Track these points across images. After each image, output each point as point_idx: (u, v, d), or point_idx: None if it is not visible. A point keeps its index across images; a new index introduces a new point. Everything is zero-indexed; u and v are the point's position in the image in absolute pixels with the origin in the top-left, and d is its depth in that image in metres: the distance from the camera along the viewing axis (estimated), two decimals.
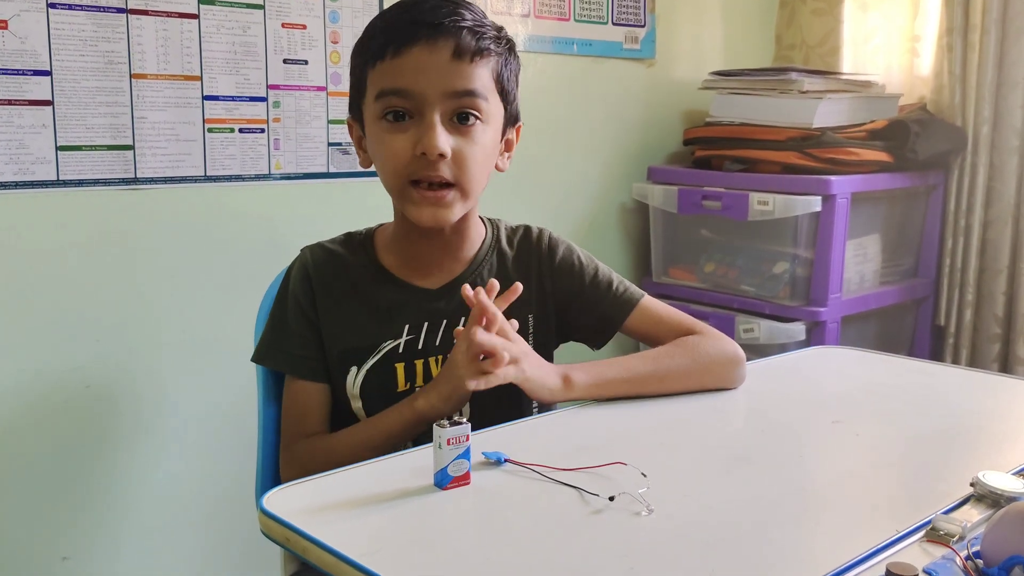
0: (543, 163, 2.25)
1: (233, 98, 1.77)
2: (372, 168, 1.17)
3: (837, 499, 0.91)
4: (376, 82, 1.10)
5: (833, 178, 2.10)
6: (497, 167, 1.17)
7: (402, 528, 0.82)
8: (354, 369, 1.16)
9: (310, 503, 0.87)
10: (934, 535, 0.80)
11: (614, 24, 2.37)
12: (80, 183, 1.61)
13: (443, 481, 0.88)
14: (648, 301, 1.25)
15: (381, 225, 1.25)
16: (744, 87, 2.35)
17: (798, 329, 2.13)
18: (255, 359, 1.21)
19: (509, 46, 1.15)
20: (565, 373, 1.11)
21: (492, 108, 1.12)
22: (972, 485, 0.88)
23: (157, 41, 1.67)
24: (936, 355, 2.48)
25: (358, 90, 1.14)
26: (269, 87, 1.81)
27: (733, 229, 2.31)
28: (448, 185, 1.09)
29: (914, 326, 2.50)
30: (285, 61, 1.83)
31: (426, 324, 1.17)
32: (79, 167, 1.61)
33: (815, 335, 2.14)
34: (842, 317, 2.19)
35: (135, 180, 1.67)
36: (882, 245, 2.35)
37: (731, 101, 2.37)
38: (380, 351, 1.16)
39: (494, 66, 1.12)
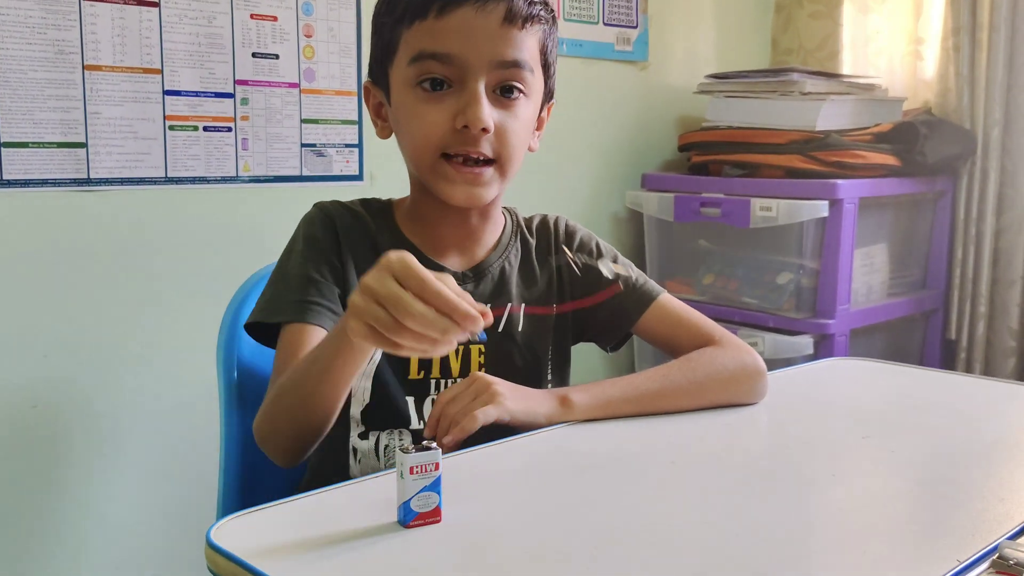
0: (530, 170, 2.14)
1: (197, 93, 1.66)
2: (391, 138, 1.08)
3: (883, 524, 0.80)
4: (413, 43, 1.00)
5: (840, 182, 2.01)
6: (529, 147, 1.09)
7: (365, 572, 0.69)
8: None
9: (263, 537, 0.74)
10: (1002, 565, 0.69)
11: (605, 24, 2.27)
12: (26, 183, 1.52)
13: (406, 518, 0.74)
14: (666, 299, 1.18)
15: (393, 199, 1.14)
16: (742, 90, 2.26)
17: (805, 343, 2.03)
18: (257, 319, 1.03)
19: (553, 14, 1.07)
20: (562, 394, 1.04)
21: (535, 81, 1.05)
22: None
23: (113, 30, 1.56)
24: (948, 370, 2.38)
25: (385, 51, 1.04)
26: (236, 82, 1.70)
27: (733, 238, 2.21)
28: (487, 162, 1.02)
29: (923, 340, 2.40)
30: (254, 55, 1.72)
31: None
32: (25, 166, 1.51)
33: (823, 349, 2.04)
34: (850, 331, 2.07)
35: (88, 181, 1.57)
36: (889, 255, 2.26)
37: (728, 104, 2.29)
38: None
39: (541, 36, 1.04)
